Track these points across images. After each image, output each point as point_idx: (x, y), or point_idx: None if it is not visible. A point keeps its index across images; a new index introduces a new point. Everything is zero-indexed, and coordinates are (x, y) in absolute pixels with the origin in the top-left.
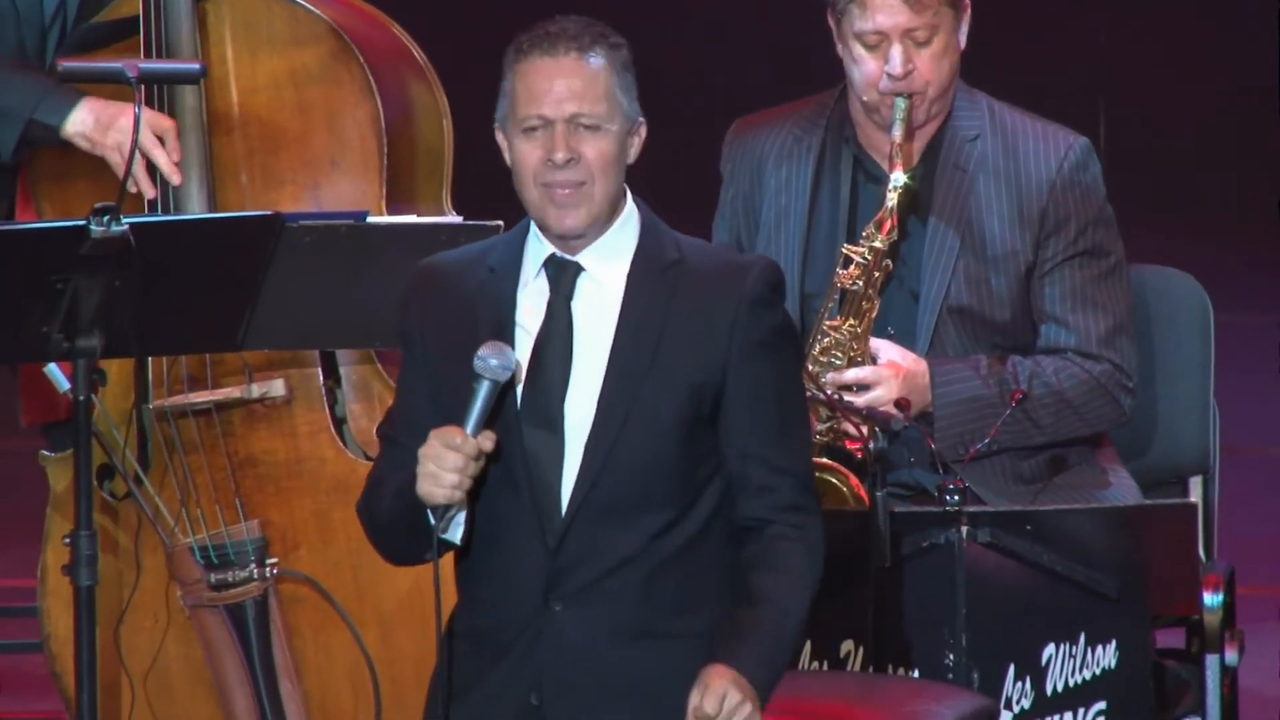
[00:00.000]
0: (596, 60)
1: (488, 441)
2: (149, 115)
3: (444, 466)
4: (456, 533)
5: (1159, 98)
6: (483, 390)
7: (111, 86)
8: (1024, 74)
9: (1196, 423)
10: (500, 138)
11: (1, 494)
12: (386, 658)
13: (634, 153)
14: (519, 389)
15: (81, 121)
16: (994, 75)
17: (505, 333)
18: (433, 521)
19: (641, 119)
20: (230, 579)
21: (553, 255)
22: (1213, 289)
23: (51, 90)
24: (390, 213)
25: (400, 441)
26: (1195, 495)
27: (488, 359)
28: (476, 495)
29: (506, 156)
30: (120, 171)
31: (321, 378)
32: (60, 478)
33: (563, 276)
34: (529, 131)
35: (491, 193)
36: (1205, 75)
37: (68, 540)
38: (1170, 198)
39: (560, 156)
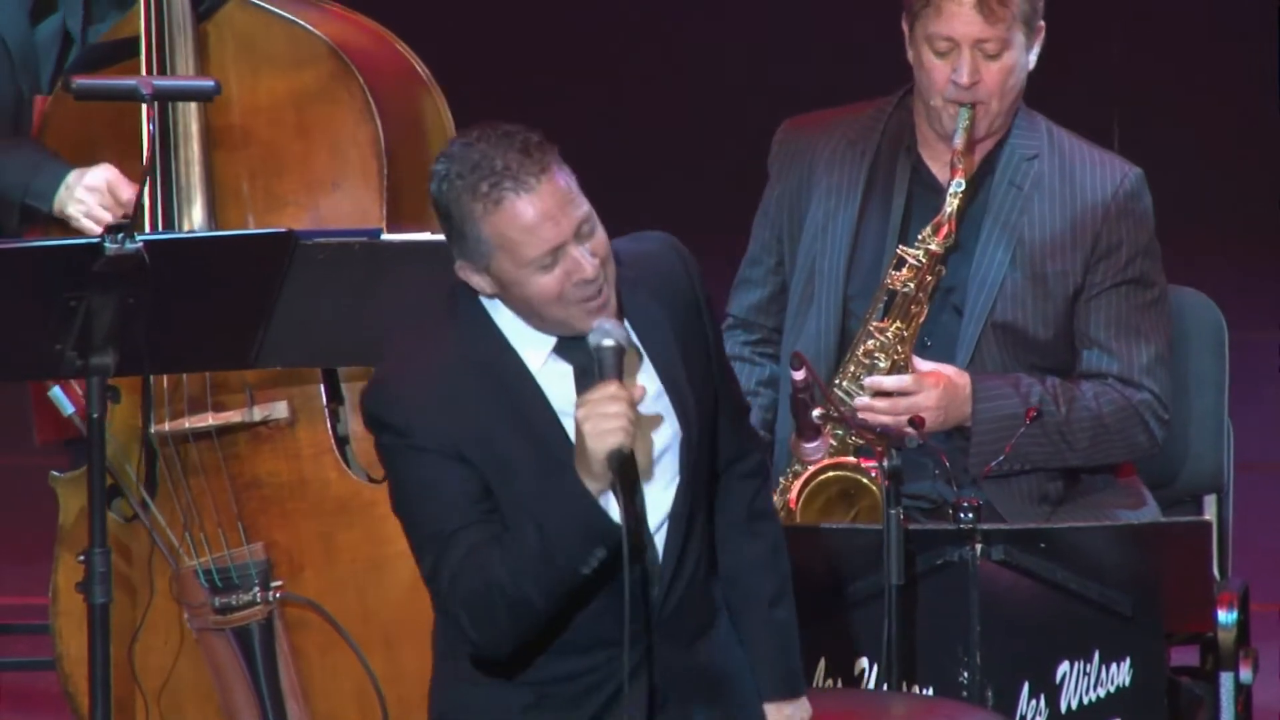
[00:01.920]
0: (558, 170)
1: (638, 389)
2: (114, 178)
3: (609, 411)
4: (616, 514)
5: (1171, 116)
6: (609, 354)
7: (108, 117)
8: (1035, 91)
9: (1211, 441)
10: (476, 277)
11: (12, 511)
12: (392, 677)
13: None
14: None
15: (62, 201)
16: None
17: (556, 424)
18: (617, 466)
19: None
20: (234, 602)
21: (561, 339)
22: (1225, 304)
23: (39, 169)
24: (392, 233)
25: (463, 530)
26: (1209, 513)
27: (601, 325)
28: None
29: (486, 288)
30: (85, 231)
31: (325, 399)
32: (70, 498)
33: (579, 352)
34: (544, 268)
35: None
36: (1216, 91)
37: (82, 557)
38: (1183, 214)
39: (589, 274)
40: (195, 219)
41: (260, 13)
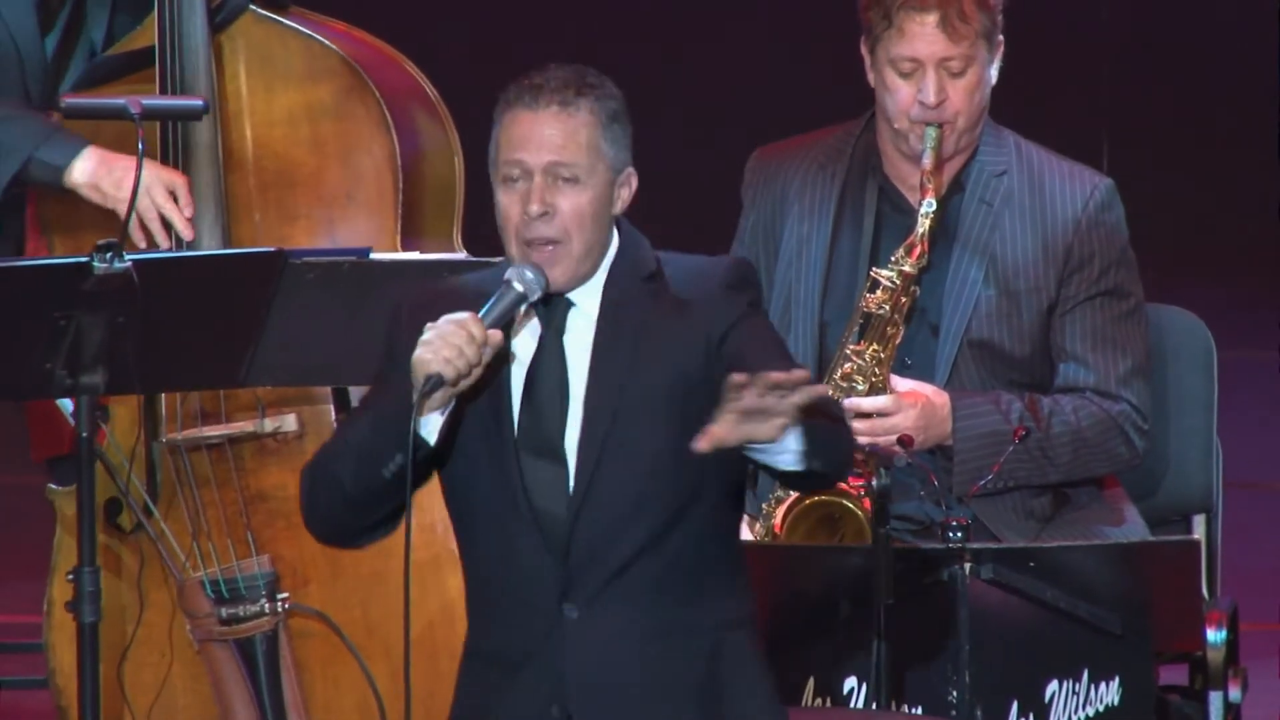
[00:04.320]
0: (579, 113)
1: (496, 336)
2: (162, 171)
3: (447, 337)
4: (431, 433)
5: (1160, 134)
6: (509, 295)
7: (117, 130)
8: (1026, 110)
9: (1200, 461)
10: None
11: (6, 529)
12: (395, 693)
13: (622, 204)
14: (516, 418)
15: (90, 171)
16: (996, 111)
17: (498, 363)
18: (416, 389)
19: (631, 169)
20: (241, 613)
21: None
22: (1214, 324)
23: (57, 131)
24: (405, 248)
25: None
26: (1199, 532)
27: (524, 269)
28: (459, 417)
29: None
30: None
31: (334, 413)
32: (68, 510)
33: (553, 313)
34: (508, 182)
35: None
36: (1205, 112)
37: (71, 577)
38: (1171, 234)
39: (535, 209)
40: (205, 231)
41: (276, 26)
